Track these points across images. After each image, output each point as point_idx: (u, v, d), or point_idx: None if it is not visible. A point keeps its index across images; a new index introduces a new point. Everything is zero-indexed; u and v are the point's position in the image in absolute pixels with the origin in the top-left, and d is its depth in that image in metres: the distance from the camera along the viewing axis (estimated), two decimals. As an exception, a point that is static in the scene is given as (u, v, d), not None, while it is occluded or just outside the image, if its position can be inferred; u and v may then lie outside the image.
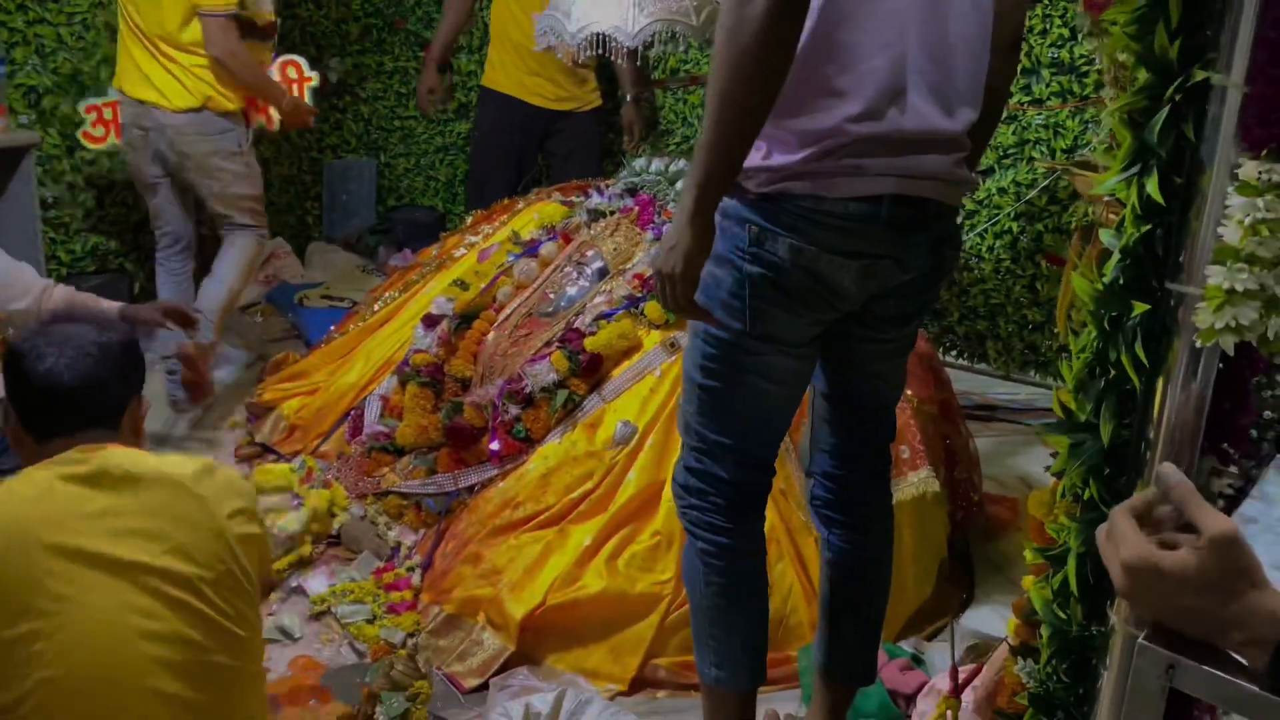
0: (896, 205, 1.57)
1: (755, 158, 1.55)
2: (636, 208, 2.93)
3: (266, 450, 3.13)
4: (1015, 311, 3.90)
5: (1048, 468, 1.29)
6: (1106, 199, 1.72)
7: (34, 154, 3.53)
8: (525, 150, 4.17)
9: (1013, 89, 3.71)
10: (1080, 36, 3.57)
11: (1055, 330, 3.84)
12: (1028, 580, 1.50)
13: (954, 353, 4.04)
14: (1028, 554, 1.48)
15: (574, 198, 3.30)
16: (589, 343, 2.60)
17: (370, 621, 2.37)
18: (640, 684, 2.29)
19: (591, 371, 2.58)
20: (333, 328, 3.62)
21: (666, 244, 1.56)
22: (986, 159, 3.82)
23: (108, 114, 3.22)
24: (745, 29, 1.41)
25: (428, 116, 4.22)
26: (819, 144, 1.53)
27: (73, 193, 4.00)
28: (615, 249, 2.86)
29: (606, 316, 2.65)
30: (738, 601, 1.81)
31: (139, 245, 4.24)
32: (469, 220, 3.69)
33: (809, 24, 1.48)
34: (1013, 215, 3.77)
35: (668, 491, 2.39)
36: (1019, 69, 3.65)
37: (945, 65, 1.57)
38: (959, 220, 3.82)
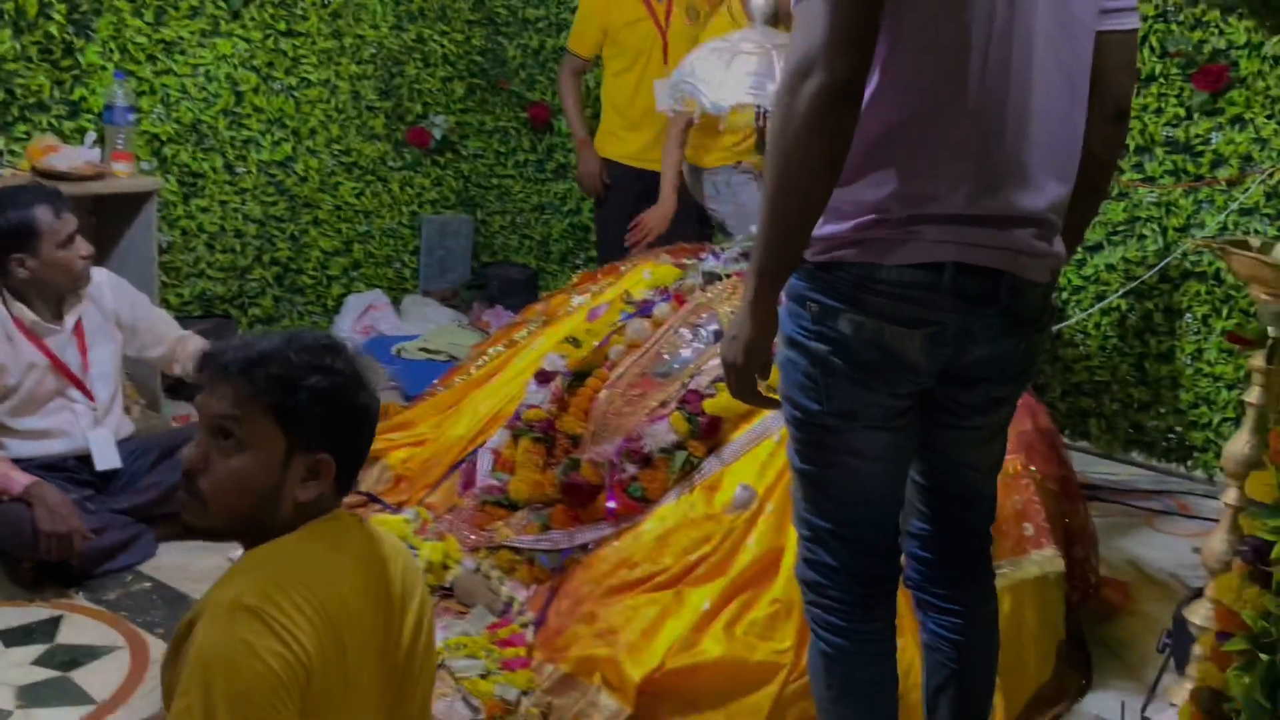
0: (961, 274, 1.52)
1: None
2: (753, 272, 2.93)
3: (372, 499, 3.14)
4: (1121, 390, 3.84)
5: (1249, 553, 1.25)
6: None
7: (155, 200, 3.62)
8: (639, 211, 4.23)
9: (1125, 165, 3.70)
10: (1195, 115, 3.56)
11: (1162, 410, 3.78)
12: (1206, 667, 1.45)
13: (1055, 429, 3.97)
14: (1202, 641, 1.44)
15: (685, 260, 3.31)
16: (708, 405, 2.59)
17: (484, 677, 2.34)
18: (758, 754, 2.24)
19: (711, 434, 2.57)
20: (436, 381, 3.64)
21: (730, 333, 1.56)
22: (1095, 234, 3.79)
23: None
24: (793, 123, 1.40)
25: (596, 195, 4.30)
26: (870, 214, 1.50)
27: (186, 239, 4.09)
28: (732, 312, 2.85)
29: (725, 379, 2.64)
30: (859, 713, 1.76)
31: (244, 291, 4.33)
32: (575, 278, 3.72)
33: (868, 100, 1.45)
34: (1121, 293, 3.72)
35: (787, 559, 2.36)
36: (1132, 145, 3.66)
37: (1027, 140, 1.51)
38: (1055, 297, 3.81)
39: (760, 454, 2.51)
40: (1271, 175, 3.42)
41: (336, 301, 4.67)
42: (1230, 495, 2.15)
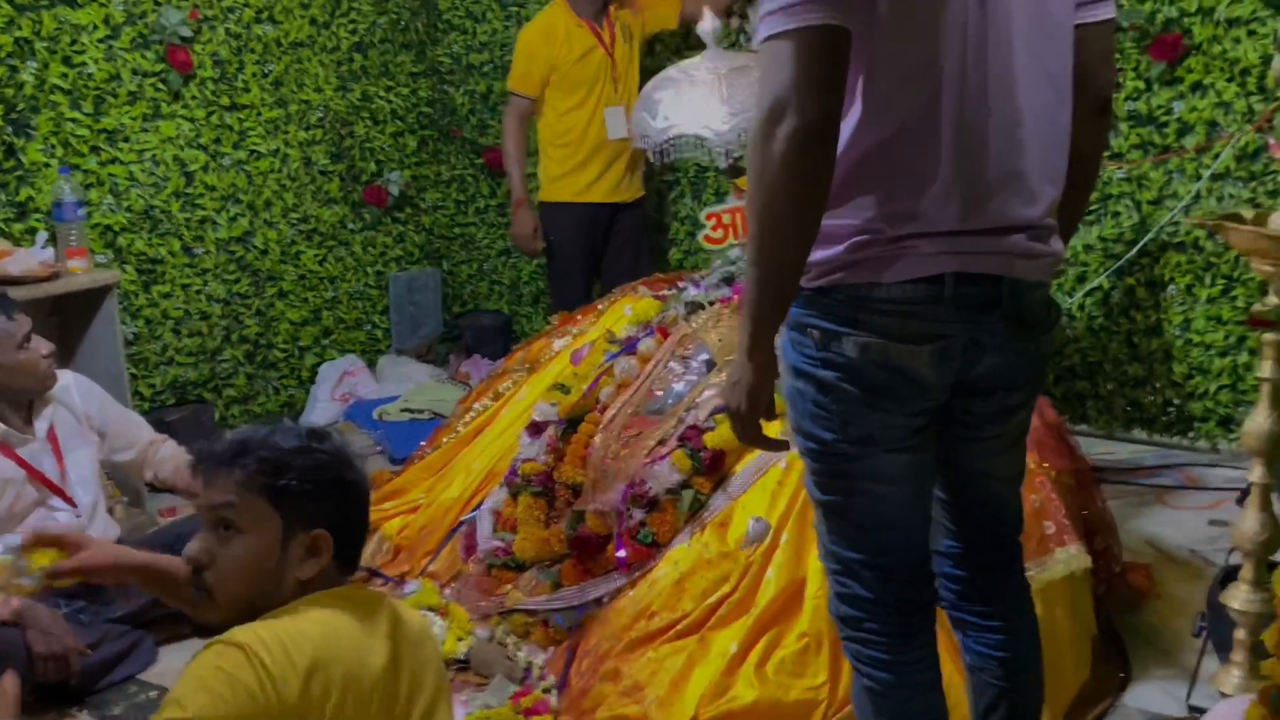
0: (962, 284, 1.48)
1: None
2: (735, 297, 2.87)
3: (373, 574, 3.05)
4: (1115, 369, 3.80)
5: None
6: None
7: (115, 292, 3.53)
8: (596, 249, 4.18)
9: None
10: (1155, 86, 3.54)
11: (1157, 384, 3.74)
12: (1273, 665, 1.39)
13: (1053, 416, 3.93)
14: (1268, 636, 1.38)
15: (664, 291, 3.25)
16: (709, 439, 2.52)
17: (514, 750, 2.26)
18: (805, 796, 2.16)
19: (715, 469, 2.50)
20: (423, 442, 3.56)
21: (730, 379, 1.53)
22: (1069, 217, 3.76)
23: (726, 218, 3.20)
24: (771, 168, 1.36)
25: (534, 256, 4.28)
26: (861, 235, 1.47)
27: (151, 327, 4.00)
28: (720, 340, 2.79)
29: (723, 410, 2.57)
30: None
31: (216, 373, 4.23)
32: (554, 321, 3.65)
33: (848, 128, 1.42)
34: (1108, 274, 3.69)
35: (810, 589, 2.29)
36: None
37: (1018, 147, 1.47)
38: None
39: (768, 483, 2.44)
40: (1239, 138, 3.40)
41: (311, 372, 4.58)
42: (1256, 473, 2.10)
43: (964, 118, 1.43)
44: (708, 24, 2.77)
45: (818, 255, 1.48)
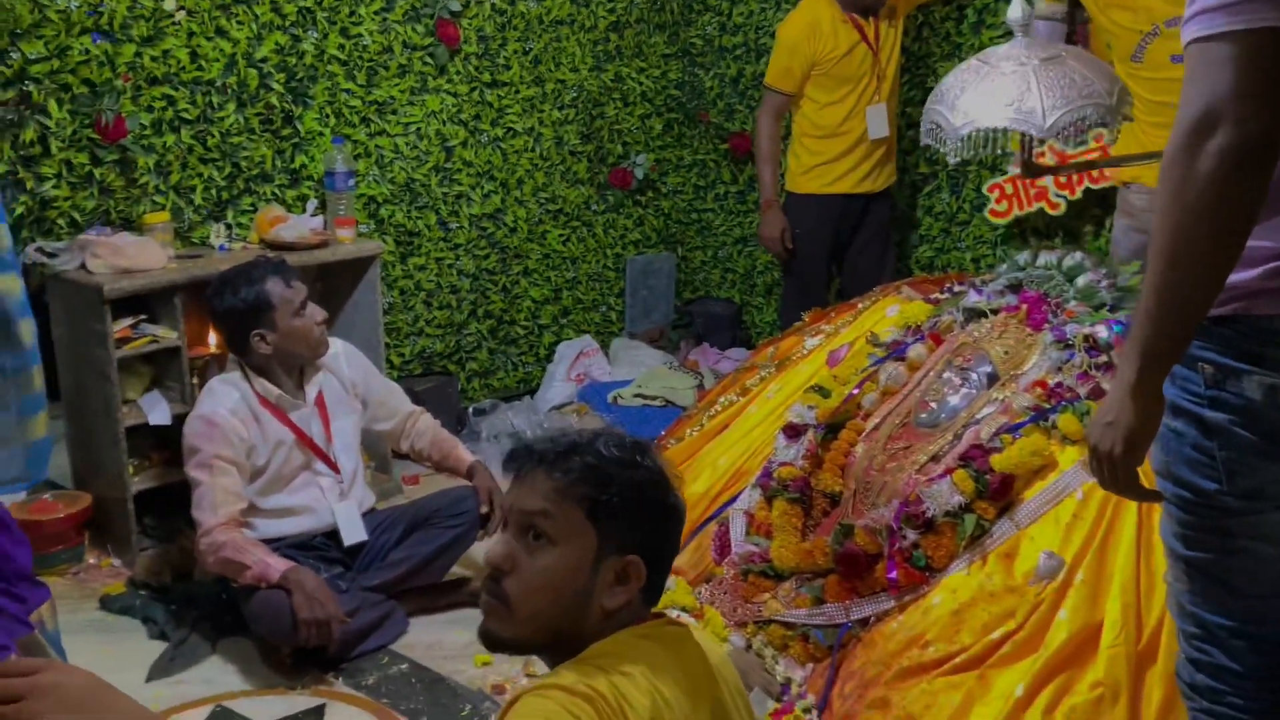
0: None
1: None
2: (1024, 306, 2.67)
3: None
4: None
5: None
6: None
7: (379, 262, 3.59)
8: (841, 242, 4.04)
9: None
10: None
11: None
12: None
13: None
14: None
15: (935, 294, 3.07)
16: (997, 461, 2.34)
17: (774, 772, 2.16)
18: None
19: (1002, 494, 2.33)
20: (664, 432, 3.50)
21: (1103, 418, 1.37)
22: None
23: (1009, 189, 3.04)
24: (1195, 186, 1.20)
25: (780, 257, 4.13)
26: None
27: (405, 298, 4.07)
28: (1006, 352, 2.60)
29: (1011, 431, 2.39)
30: None
31: (460, 346, 4.29)
32: (805, 318, 3.52)
33: None
34: None
35: (1107, 637, 2.10)
36: None
37: None
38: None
39: (1062, 515, 2.25)
40: None
41: (548, 350, 4.60)
42: None
43: None
44: (1015, 11, 2.57)
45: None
